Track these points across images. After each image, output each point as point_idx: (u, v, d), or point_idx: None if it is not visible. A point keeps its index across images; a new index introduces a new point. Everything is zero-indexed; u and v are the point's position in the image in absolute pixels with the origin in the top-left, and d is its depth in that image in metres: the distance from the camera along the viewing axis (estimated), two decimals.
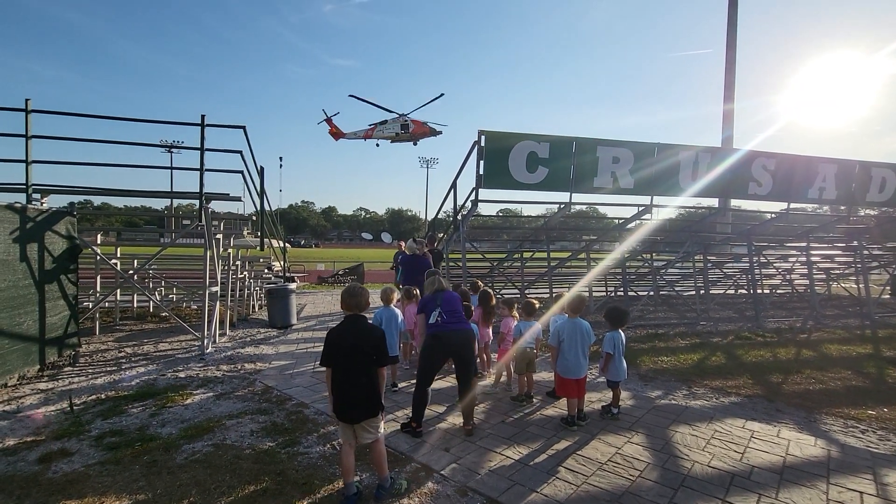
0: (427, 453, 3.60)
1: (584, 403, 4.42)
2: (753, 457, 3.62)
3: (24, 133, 5.73)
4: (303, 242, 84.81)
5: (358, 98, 34.33)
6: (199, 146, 6.38)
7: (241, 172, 7.04)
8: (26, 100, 5.68)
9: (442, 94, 36.11)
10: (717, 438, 3.95)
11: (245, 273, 9.83)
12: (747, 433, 4.08)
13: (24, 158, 5.71)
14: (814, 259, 11.38)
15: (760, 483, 3.23)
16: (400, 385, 5.27)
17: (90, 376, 5.45)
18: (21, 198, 5.76)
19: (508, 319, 5.35)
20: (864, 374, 6.00)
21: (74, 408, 4.40)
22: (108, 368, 5.76)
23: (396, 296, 5.62)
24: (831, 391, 5.30)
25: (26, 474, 3.21)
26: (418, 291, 5.79)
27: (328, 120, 38.82)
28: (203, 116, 6.32)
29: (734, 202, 12.16)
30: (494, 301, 5.75)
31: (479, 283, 6.63)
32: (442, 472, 3.31)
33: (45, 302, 5.38)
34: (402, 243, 10.50)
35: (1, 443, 3.68)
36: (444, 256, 9.32)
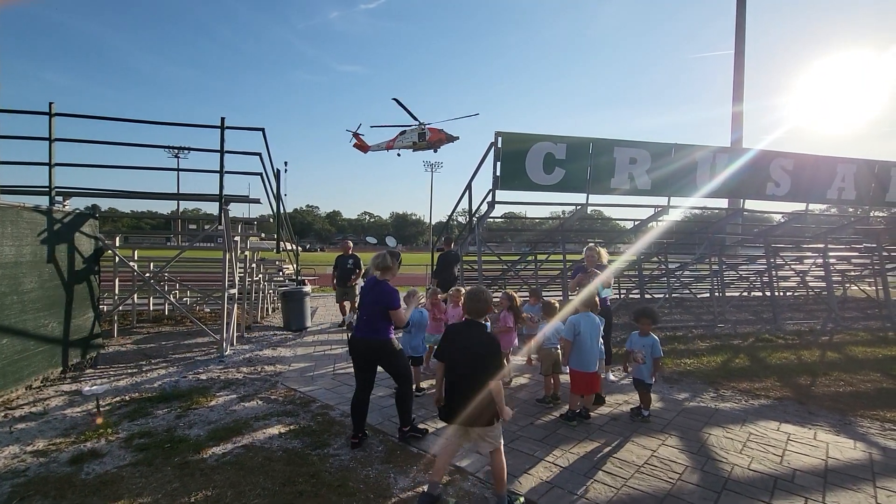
0: (460, 455, 3.54)
1: (590, 402, 4.41)
2: (794, 460, 3.54)
3: (47, 136, 5.76)
4: (308, 247, 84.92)
5: (399, 103, 35.38)
6: (217, 149, 6.41)
7: (261, 174, 7.05)
8: (50, 103, 5.72)
9: (477, 114, 37.98)
10: (754, 441, 3.87)
11: (259, 276, 9.83)
12: (783, 436, 4.00)
13: (48, 161, 5.74)
14: (830, 261, 11.25)
15: (805, 486, 3.15)
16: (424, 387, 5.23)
17: (112, 378, 5.44)
18: (41, 200, 5.81)
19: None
20: (893, 377, 5.89)
21: (101, 409, 4.38)
22: (130, 370, 5.75)
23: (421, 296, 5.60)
24: (863, 393, 5.20)
25: (60, 475, 3.18)
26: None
27: (356, 135, 40.72)
28: (223, 119, 6.34)
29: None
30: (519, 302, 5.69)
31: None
32: (477, 475, 3.26)
33: (71, 304, 5.38)
34: (350, 243, 9.77)
35: (31, 444, 3.66)
36: (460, 258, 9.28)
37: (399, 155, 41.01)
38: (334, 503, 2.90)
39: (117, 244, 7.34)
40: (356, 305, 8.79)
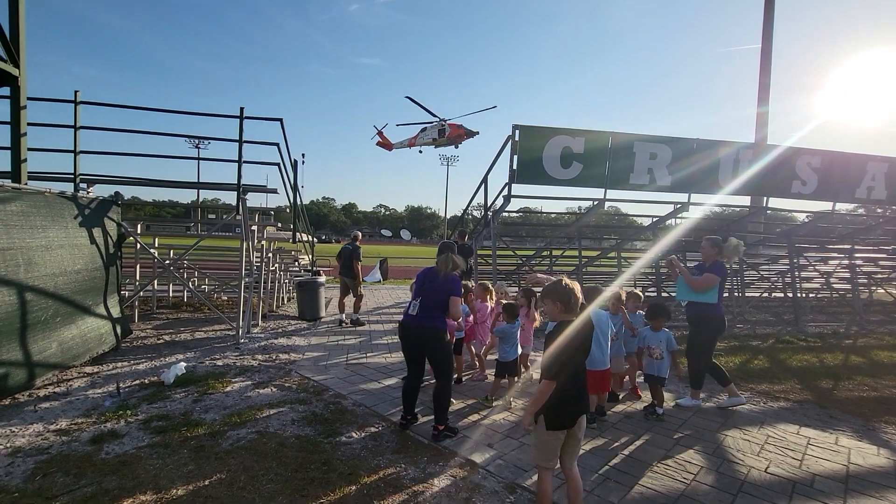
0: (470, 449, 3.54)
1: (605, 399, 4.34)
2: (813, 464, 3.46)
3: (72, 124, 5.89)
4: (323, 237, 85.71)
5: (413, 101, 35.32)
6: (236, 139, 6.47)
7: (278, 165, 7.11)
8: (75, 91, 5.84)
9: (494, 107, 37.55)
10: (772, 444, 3.79)
11: (275, 266, 9.96)
12: (803, 439, 3.90)
13: (73, 149, 5.87)
14: (856, 262, 10.89)
15: (824, 492, 3.07)
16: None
17: (132, 362, 5.58)
18: (66, 186, 5.95)
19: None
20: None
21: (121, 391, 4.50)
22: (149, 354, 5.89)
23: None
24: (888, 399, 5.04)
25: (80, 454, 3.28)
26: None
27: (380, 133, 41.44)
28: (242, 109, 6.40)
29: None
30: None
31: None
32: (488, 468, 3.26)
33: (106, 287, 5.53)
34: (359, 234, 9.13)
35: (55, 423, 3.78)
36: (474, 251, 9.26)
37: (421, 152, 41.49)
38: (345, 491, 2.92)
39: (139, 231, 7.51)
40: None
